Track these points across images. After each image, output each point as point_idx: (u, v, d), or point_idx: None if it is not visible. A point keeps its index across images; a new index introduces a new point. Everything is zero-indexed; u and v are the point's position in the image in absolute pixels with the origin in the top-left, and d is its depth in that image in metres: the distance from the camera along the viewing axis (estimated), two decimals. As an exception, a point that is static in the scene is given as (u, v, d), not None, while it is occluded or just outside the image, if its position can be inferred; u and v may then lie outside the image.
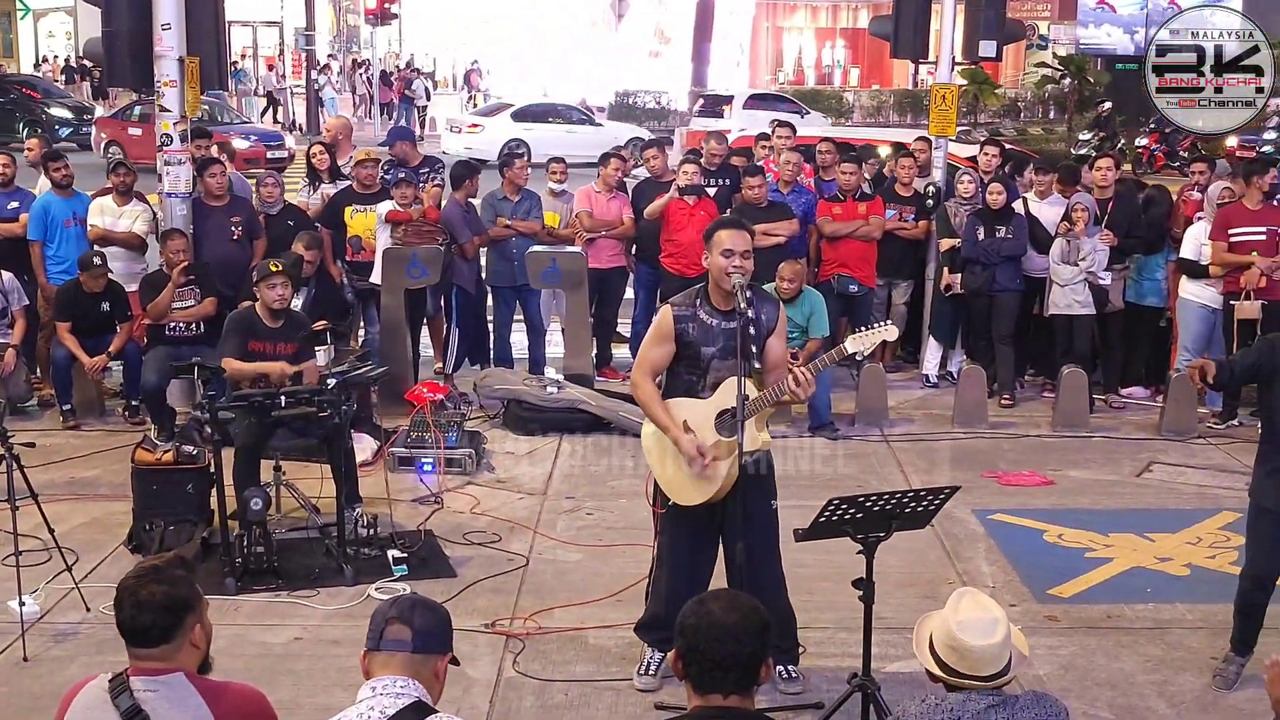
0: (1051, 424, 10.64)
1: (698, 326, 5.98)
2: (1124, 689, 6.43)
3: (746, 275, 5.84)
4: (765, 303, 6.11)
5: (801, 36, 57.39)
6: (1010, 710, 3.76)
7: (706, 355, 5.97)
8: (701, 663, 3.41)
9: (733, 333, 5.77)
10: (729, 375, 5.82)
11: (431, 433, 9.28)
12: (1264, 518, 6.22)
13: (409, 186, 11.04)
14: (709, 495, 5.98)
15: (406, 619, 3.55)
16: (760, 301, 6.05)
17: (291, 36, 48.48)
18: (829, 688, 6.23)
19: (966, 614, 3.83)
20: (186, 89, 10.54)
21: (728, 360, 5.83)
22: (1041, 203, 11.46)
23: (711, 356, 5.97)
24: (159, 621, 3.55)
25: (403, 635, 3.52)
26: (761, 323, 5.97)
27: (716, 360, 5.96)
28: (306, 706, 5.99)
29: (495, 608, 7.21)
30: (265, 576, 7.44)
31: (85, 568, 7.55)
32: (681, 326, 5.99)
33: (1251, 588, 6.34)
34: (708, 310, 6.01)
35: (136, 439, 8.72)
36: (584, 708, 6.22)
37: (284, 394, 7.78)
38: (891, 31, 12.94)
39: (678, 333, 6.00)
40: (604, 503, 8.90)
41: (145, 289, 10.24)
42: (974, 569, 7.83)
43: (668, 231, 11.33)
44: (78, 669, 6.11)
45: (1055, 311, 11.06)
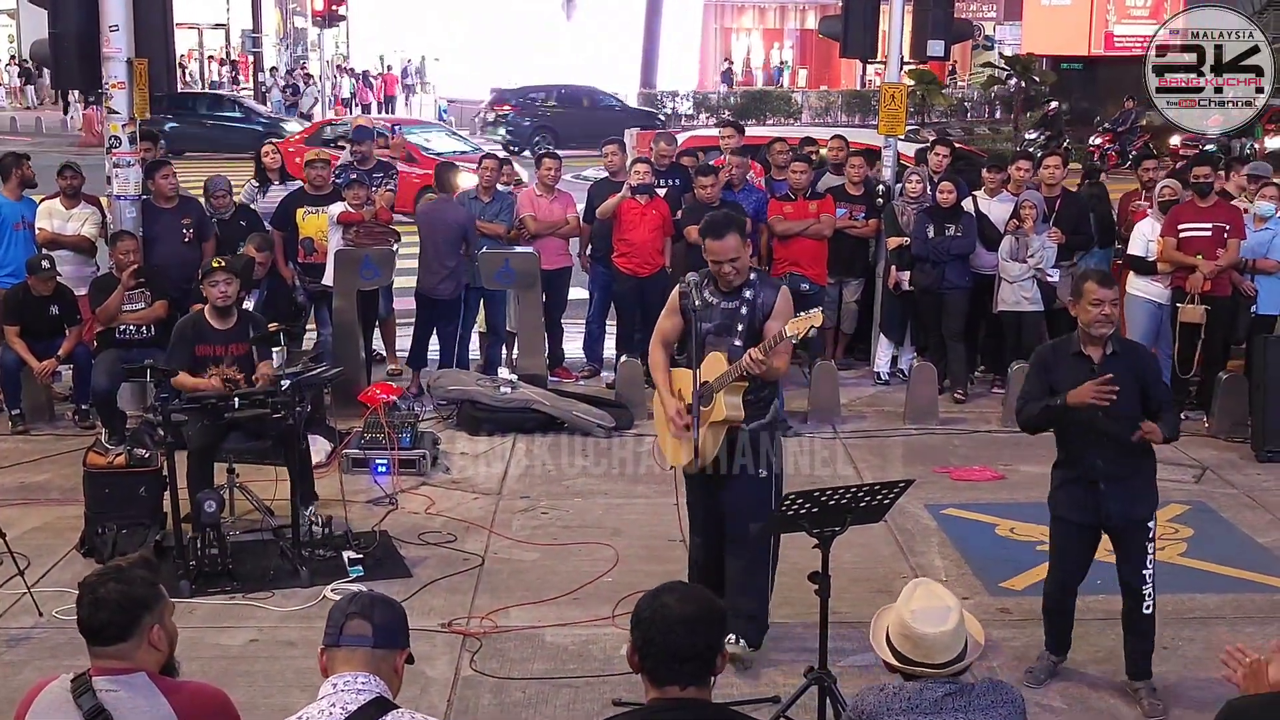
0: (1001, 419, 10.72)
1: (700, 304, 6.40)
2: (1075, 679, 6.51)
3: (740, 271, 6.37)
4: (766, 287, 6.49)
5: (750, 38, 57.61)
6: (967, 698, 3.81)
7: (703, 330, 6.41)
8: (657, 655, 3.44)
9: (729, 312, 6.39)
10: (716, 350, 6.37)
11: (385, 434, 9.26)
12: (1060, 526, 6.41)
13: (361, 188, 11.01)
14: (688, 456, 6.44)
15: (366, 614, 3.55)
16: (762, 286, 6.46)
17: (238, 39, 48.28)
18: (786, 681, 6.28)
19: (919, 603, 3.89)
20: (135, 91, 10.46)
21: (721, 337, 6.40)
22: (990, 200, 11.55)
23: (708, 332, 6.41)
24: (114, 620, 3.55)
25: (363, 630, 3.52)
26: (757, 305, 6.40)
27: (711, 336, 6.42)
28: (263, 708, 5.96)
29: (451, 607, 7.22)
30: (220, 579, 7.40)
31: (37, 572, 7.50)
32: (685, 302, 6.46)
33: (1057, 592, 6.50)
34: (711, 290, 6.47)
35: (87, 443, 8.67)
36: (541, 705, 6.24)
37: (237, 396, 7.75)
38: (841, 31, 13.01)
39: (681, 307, 6.51)
40: (559, 501, 8.92)
41: (95, 292, 10.15)
42: (927, 563, 7.90)
43: (619, 231, 11.36)
44: (31, 673, 6.06)
45: (1004, 308, 11.17)
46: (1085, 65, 37.42)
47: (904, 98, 12.40)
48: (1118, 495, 6.14)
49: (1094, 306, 6.07)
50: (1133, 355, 6.27)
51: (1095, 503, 6.18)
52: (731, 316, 6.40)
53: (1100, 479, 6.13)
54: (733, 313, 6.40)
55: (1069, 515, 6.33)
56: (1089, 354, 6.13)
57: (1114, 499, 6.14)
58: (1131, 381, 6.03)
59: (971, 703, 3.80)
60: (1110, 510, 6.17)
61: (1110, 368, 6.05)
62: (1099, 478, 6.14)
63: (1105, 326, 6.07)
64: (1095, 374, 6.02)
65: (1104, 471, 6.12)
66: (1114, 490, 6.14)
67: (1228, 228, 10.40)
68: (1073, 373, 6.11)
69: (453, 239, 11.02)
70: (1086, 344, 6.15)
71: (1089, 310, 6.08)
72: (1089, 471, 6.16)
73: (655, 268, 11.33)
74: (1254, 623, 7.06)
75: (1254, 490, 9.26)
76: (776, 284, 6.68)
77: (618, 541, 8.18)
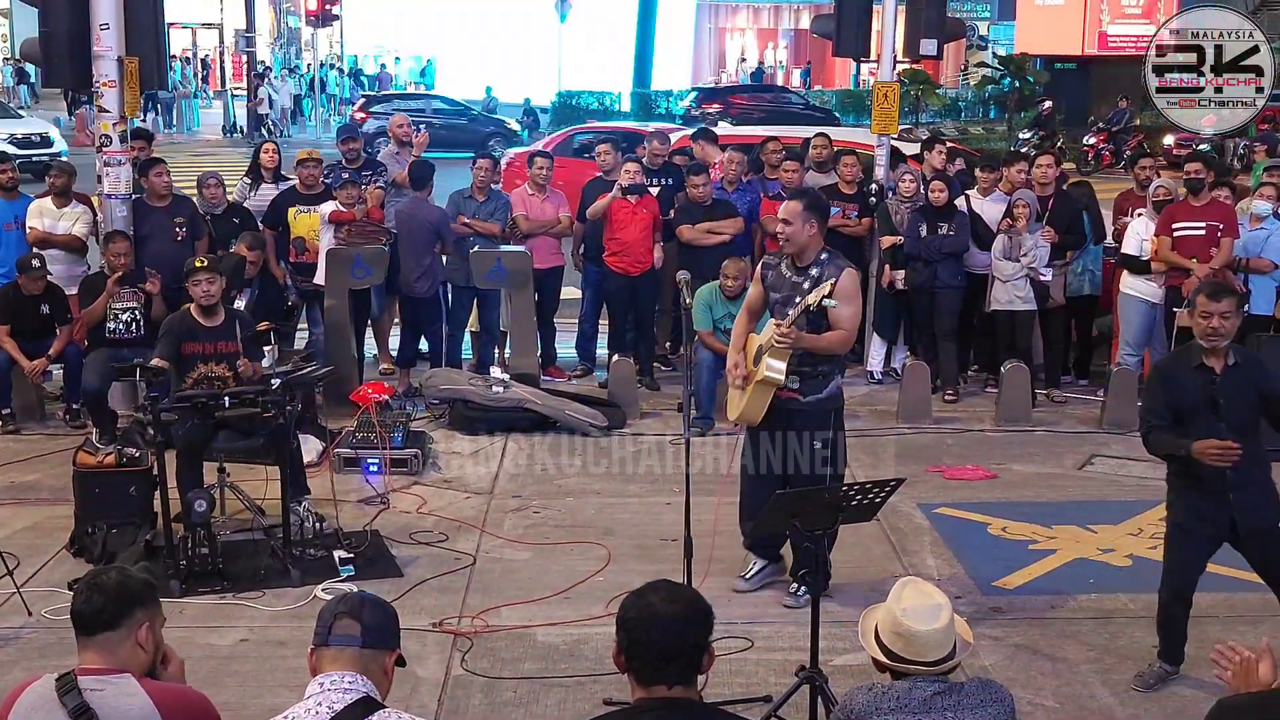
0: (994, 418, 10.72)
1: (775, 274, 7.08)
2: (1068, 678, 6.51)
3: (790, 240, 6.93)
4: (832, 266, 6.90)
5: (744, 38, 57.64)
6: (957, 697, 3.80)
7: (773, 299, 7.09)
8: (645, 655, 3.42)
9: (795, 284, 6.94)
10: (777, 318, 6.97)
11: (377, 433, 9.24)
12: (1181, 535, 6.31)
13: (353, 187, 10.99)
14: (737, 411, 7.15)
15: (355, 614, 3.53)
16: (828, 265, 6.91)
17: (231, 38, 48.23)
18: (777, 680, 6.26)
19: (910, 601, 3.87)
20: (126, 89, 10.43)
21: (785, 306, 6.96)
22: (984, 199, 11.54)
23: (775, 301, 7.07)
24: (108, 606, 3.55)
25: (351, 630, 3.50)
26: (820, 281, 6.83)
27: (778, 305, 7.04)
28: (253, 707, 5.94)
29: (443, 606, 7.20)
30: (210, 579, 7.37)
31: (26, 572, 7.48)
32: (764, 272, 7.20)
33: (1173, 602, 6.41)
34: (787, 263, 7.03)
35: (77, 443, 8.62)
36: (532, 704, 6.22)
37: (228, 395, 7.73)
38: (834, 30, 12.99)
39: (761, 277, 7.21)
40: (551, 501, 8.90)
41: (84, 292, 10.12)
42: (919, 562, 7.89)
43: (610, 231, 11.32)
44: (19, 673, 6.03)
45: (997, 307, 11.15)
46: (1079, 65, 37.42)
47: (897, 97, 12.39)
48: (1245, 505, 6.08)
49: (1203, 319, 6.01)
50: (1255, 367, 6.18)
51: (1222, 513, 6.10)
52: (795, 289, 6.91)
53: (1230, 489, 6.05)
54: (797, 285, 6.91)
55: (1194, 526, 6.22)
56: (1210, 365, 6.07)
57: (1242, 509, 6.08)
58: (1251, 392, 6.00)
59: (961, 701, 3.79)
60: (1240, 520, 6.09)
61: (1231, 379, 6.01)
62: (1229, 488, 6.05)
63: (1215, 339, 6.01)
64: (1216, 386, 5.99)
65: (1232, 482, 6.02)
66: (1241, 499, 6.07)
67: (1221, 226, 10.39)
68: (1194, 386, 6.06)
69: (428, 238, 11.05)
70: (1208, 355, 6.09)
71: (1199, 323, 6.06)
72: (1216, 482, 6.04)
73: (646, 266, 11.31)
74: (1246, 622, 7.04)
75: (1247, 489, 9.24)
76: (843, 265, 6.98)
77: (610, 541, 8.16)
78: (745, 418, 7.08)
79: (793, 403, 6.94)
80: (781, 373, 6.82)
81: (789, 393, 6.91)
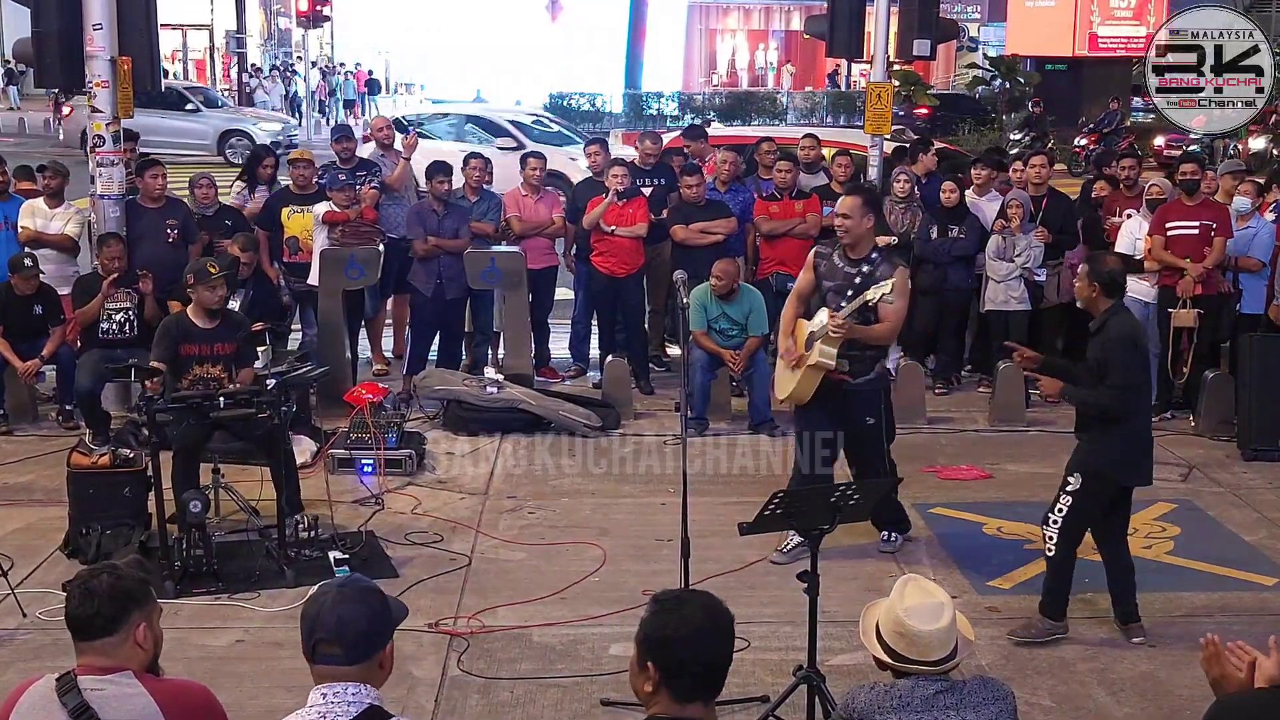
0: (989, 418, 10.74)
1: (828, 264, 7.50)
2: (1064, 677, 6.51)
3: (849, 233, 7.35)
4: (885, 264, 7.36)
5: (735, 39, 57.66)
6: (958, 695, 3.79)
7: (825, 288, 7.50)
8: (690, 671, 3.22)
9: (848, 275, 7.37)
10: (828, 307, 7.39)
11: (371, 434, 9.22)
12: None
13: (348, 188, 10.97)
14: (788, 391, 7.69)
15: (335, 637, 3.32)
16: (882, 262, 7.37)
17: (222, 39, 48.17)
18: (774, 680, 6.25)
19: (912, 600, 3.86)
20: (119, 90, 10.41)
21: (836, 296, 7.40)
22: (978, 199, 11.55)
23: (828, 289, 7.48)
24: (104, 610, 3.51)
25: (334, 652, 3.32)
26: (873, 277, 7.28)
27: (830, 294, 7.45)
28: (249, 709, 5.93)
29: (439, 607, 7.19)
30: (205, 579, 7.37)
31: (21, 573, 7.46)
32: (817, 261, 7.58)
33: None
34: (841, 254, 7.45)
35: (71, 444, 8.60)
36: (529, 705, 6.21)
37: (223, 395, 7.71)
38: (827, 31, 13.01)
39: (814, 264, 7.60)
40: (546, 501, 8.89)
41: (78, 293, 10.09)
42: (915, 562, 7.89)
43: (599, 231, 11.29)
44: (15, 675, 6.02)
45: (991, 307, 11.16)
46: (1069, 66, 37.48)
47: (890, 97, 12.40)
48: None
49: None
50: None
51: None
52: (847, 279, 7.35)
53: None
54: (850, 277, 7.35)
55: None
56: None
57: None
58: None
59: (963, 700, 3.79)
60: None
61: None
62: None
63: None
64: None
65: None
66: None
67: (1215, 226, 10.41)
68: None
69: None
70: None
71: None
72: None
73: (634, 268, 11.29)
74: (1240, 620, 7.06)
75: (1240, 488, 9.27)
76: (897, 263, 7.41)
77: (605, 541, 8.15)
78: (795, 397, 7.65)
79: (845, 384, 7.51)
80: (833, 359, 7.36)
81: (841, 375, 7.46)
